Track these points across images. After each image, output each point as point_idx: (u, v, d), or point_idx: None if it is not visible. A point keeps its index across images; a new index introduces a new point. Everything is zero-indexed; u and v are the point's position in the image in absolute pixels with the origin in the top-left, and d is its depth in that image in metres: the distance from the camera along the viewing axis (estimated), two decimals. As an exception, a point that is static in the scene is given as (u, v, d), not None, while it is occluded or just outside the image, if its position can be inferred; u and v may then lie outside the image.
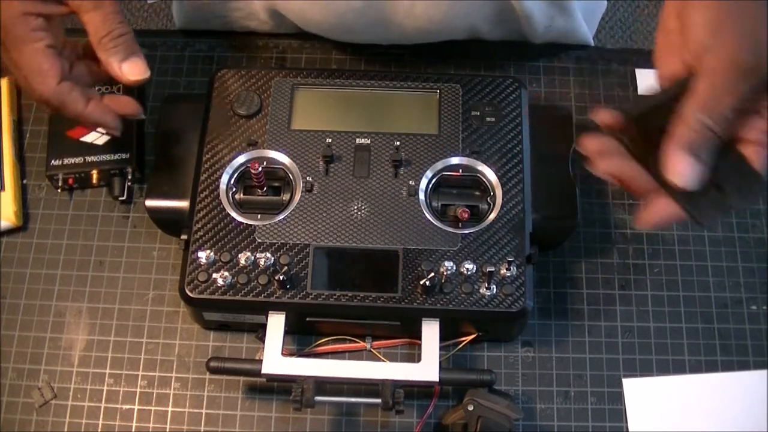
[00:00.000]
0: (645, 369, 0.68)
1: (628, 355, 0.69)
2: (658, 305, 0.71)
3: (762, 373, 0.68)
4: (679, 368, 0.69)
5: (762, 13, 0.50)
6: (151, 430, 0.66)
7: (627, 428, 0.66)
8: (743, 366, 0.69)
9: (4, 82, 0.78)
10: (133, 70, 0.62)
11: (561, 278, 0.71)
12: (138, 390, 0.68)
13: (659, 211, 0.52)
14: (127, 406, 0.67)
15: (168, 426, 0.66)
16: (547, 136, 0.71)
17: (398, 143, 0.69)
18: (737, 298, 0.71)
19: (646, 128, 0.51)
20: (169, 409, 0.67)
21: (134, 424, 0.67)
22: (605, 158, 0.53)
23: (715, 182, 0.51)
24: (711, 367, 0.69)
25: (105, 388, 0.68)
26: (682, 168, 0.49)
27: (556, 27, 0.79)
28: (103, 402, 0.67)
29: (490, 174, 0.68)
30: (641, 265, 0.72)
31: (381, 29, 0.76)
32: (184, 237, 0.67)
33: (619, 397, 0.67)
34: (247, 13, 0.80)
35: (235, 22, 0.81)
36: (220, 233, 0.66)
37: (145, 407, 0.67)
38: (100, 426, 0.67)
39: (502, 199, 0.67)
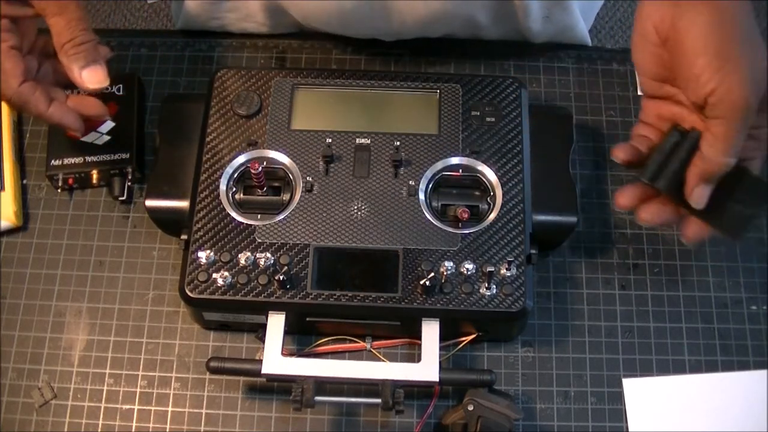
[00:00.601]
0: (645, 369, 0.68)
1: (628, 355, 0.69)
2: (658, 305, 0.71)
3: (762, 373, 0.68)
4: (679, 368, 0.69)
5: (752, 37, 0.54)
6: (151, 430, 0.66)
7: (627, 428, 0.66)
8: (743, 366, 0.69)
9: (4, 82, 0.78)
10: (92, 77, 0.62)
11: (561, 278, 0.71)
12: (138, 390, 0.68)
13: (696, 230, 0.60)
14: (127, 406, 0.67)
15: (168, 426, 0.67)
16: (547, 136, 0.71)
17: (398, 143, 0.69)
18: (737, 298, 0.71)
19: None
20: (169, 409, 0.67)
21: (134, 424, 0.67)
22: (645, 206, 0.60)
23: (733, 200, 0.58)
24: (711, 367, 0.69)
25: (105, 388, 0.68)
26: (707, 196, 0.57)
27: (554, 22, 0.79)
28: (103, 402, 0.67)
29: (490, 174, 0.68)
30: (641, 265, 0.72)
31: (381, 22, 0.75)
32: (184, 237, 0.67)
33: (619, 397, 0.67)
34: (244, 14, 0.80)
35: (233, 24, 0.81)
36: (220, 233, 0.66)
37: (145, 407, 0.67)
38: (100, 426, 0.67)
39: (502, 199, 0.67)
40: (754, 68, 0.53)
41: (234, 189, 0.69)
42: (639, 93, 0.59)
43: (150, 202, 0.69)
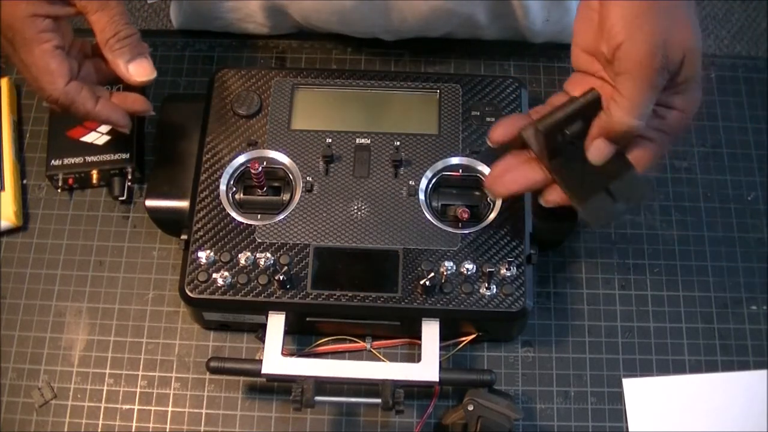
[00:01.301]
0: (645, 369, 0.68)
1: (628, 355, 0.69)
2: (658, 305, 0.71)
3: (762, 373, 0.68)
4: (679, 368, 0.69)
5: (676, 11, 0.54)
6: (151, 430, 0.66)
7: (627, 428, 0.66)
8: (743, 366, 0.69)
9: (4, 82, 0.78)
10: (139, 70, 0.62)
11: (561, 278, 0.71)
12: (138, 390, 0.68)
13: (555, 198, 0.61)
14: (127, 406, 0.67)
15: (168, 426, 0.66)
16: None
17: (398, 143, 0.69)
18: (737, 298, 0.71)
19: (555, 135, 0.58)
20: (169, 409, 0.67)
21: (134, 424, 0.67)
22: (513, 173, 0.61)
23: (606, 187, 0.58)
24: (711, 367, 0.69)
25: (105, 388, 0.68)
26: (606, 152, 0.57)
27: (553, 22, 0.79)
28: (103, 402, 0.67)
29: None
30: (641, 265, 0.72)
31: (381, 20, 0.75)
32: (184, 237, 0.67)
33: (619, 397, 0.67)
34: (244, 14, 0.80)
35: (233, 24, 0.81)
36: (220, 233, 0.66)
37: (145, 407, 0.67)
38: (100, 426, 0.67)
39: (502, 199, 0.67)
40: (669, 32, 0.53)
41: (234, 189, 0.69)
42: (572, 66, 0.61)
43: (150, 202, 0.69)
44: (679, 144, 0.77)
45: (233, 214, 0.67)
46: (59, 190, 0.75)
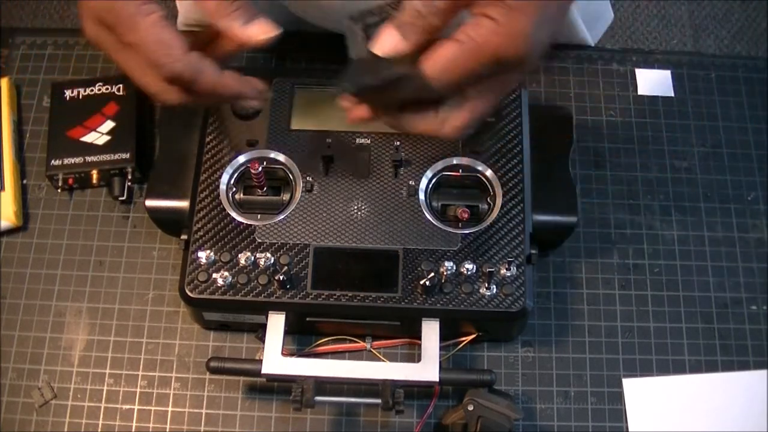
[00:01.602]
0: (645, 369, 0.68)
1: (628, 355, 0.69)
2: (658, 305, 0.71)
3: (762, 373, 0.68)
4: (679, 368, 0.69)
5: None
6: (151, 430, 0.66)
7: (627, 428, 0.66)
8: (743, 366, 0.69)
9: (4, 82, 0.78)
10: (257, 30, 0.57)
11: (561, 278, 0.71)
12: (138, 390, 0.68)
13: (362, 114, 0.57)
14: (127, 406, 0.67)
15: (168, 426, 0.66)
16: (547, 136, 0.71)
17: (398, 143, 0.69)
18: (737, 298, 0.71)
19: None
20: (169, 409, 0.67)
21: (134, 424, 0.67)
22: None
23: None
24: (711, 367, 0.69)
25: (105, 388, 0.68)
26: (389, 40, 0.51)
27: None
28: (103, 402, 0.67)
29: (490, 174, 0.68)
30: (641, 265, 0.72)
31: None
32: (184, 237, 0.67)
33: (619, 397, 0.67)
34: None
35: None
36: (220, 233, 0.66)
37: (145, 407, 0.67)
38: (100, 426, 0.67)
39: (502, 199, 0.67)
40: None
41: (234, 189, 0.69)
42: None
43: (150, 202, 0.69)
44: (679, 144, 0.77)
45: (233, 214, 0.67)
46: (59, 190, 0.75)
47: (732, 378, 0.68)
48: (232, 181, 0.69)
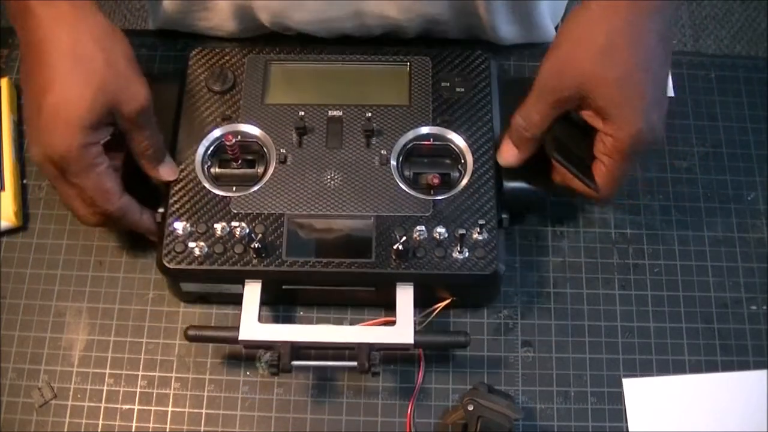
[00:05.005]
0: (645, 369, 0.68)
1: (628, 355, 0.69)
2: (658, 305, 0.71)
3: (762, 373, 0.68)
4: (679, 368, 0.69)
5: (581, 37, 0.61)
6: (151, 430, 0.67)
7: (627, 428, 0.66)
8: (743, 366, 0.69)
9: (4, 82, 0.78)
10: (167, 172, 0.67)
11: (561, 278, 0.71)
12: (138, 390, 0.68)
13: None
14: (127, 406, 0.67)
15: (168, 426, 0.67)
16: (517, 107, 0.71)
17: (370, 114, 0.70)
18: (737, 298, 0.71)
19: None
20: (169, 409, 0.67)
21: (134, 424, 0.67)
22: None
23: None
24: (711, 367, 0.69)
25: (105, 388, 0.68)
26: (505, 153, 0.67)
27: (519, 22, 0.79)
28: (103, 402, 0.67)
29: (460, 142, 0.69)
30: (641, 265, 0.72)
31: (350, 23, 0.76)
32: (161, 210, 0.67)
33: (619, 397, 0.67)
34: (215, 24, 0.80)
35: (206, 31, 0.81)
36: (196, 206, 0.67)
37: (145, 407, 0.67)
38: (100, 426, 0.67)
39: (473, 166, 0.68)
40: (568, 57, 0.61)
41: (209, 162, 0.69)
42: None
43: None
44: (679, 144, 0.77)
45: (208, 187, 0.68)
46: (59, 190, 0.75)
47: (732, 378, 0.68)
48: (207, 155, 0.69)
